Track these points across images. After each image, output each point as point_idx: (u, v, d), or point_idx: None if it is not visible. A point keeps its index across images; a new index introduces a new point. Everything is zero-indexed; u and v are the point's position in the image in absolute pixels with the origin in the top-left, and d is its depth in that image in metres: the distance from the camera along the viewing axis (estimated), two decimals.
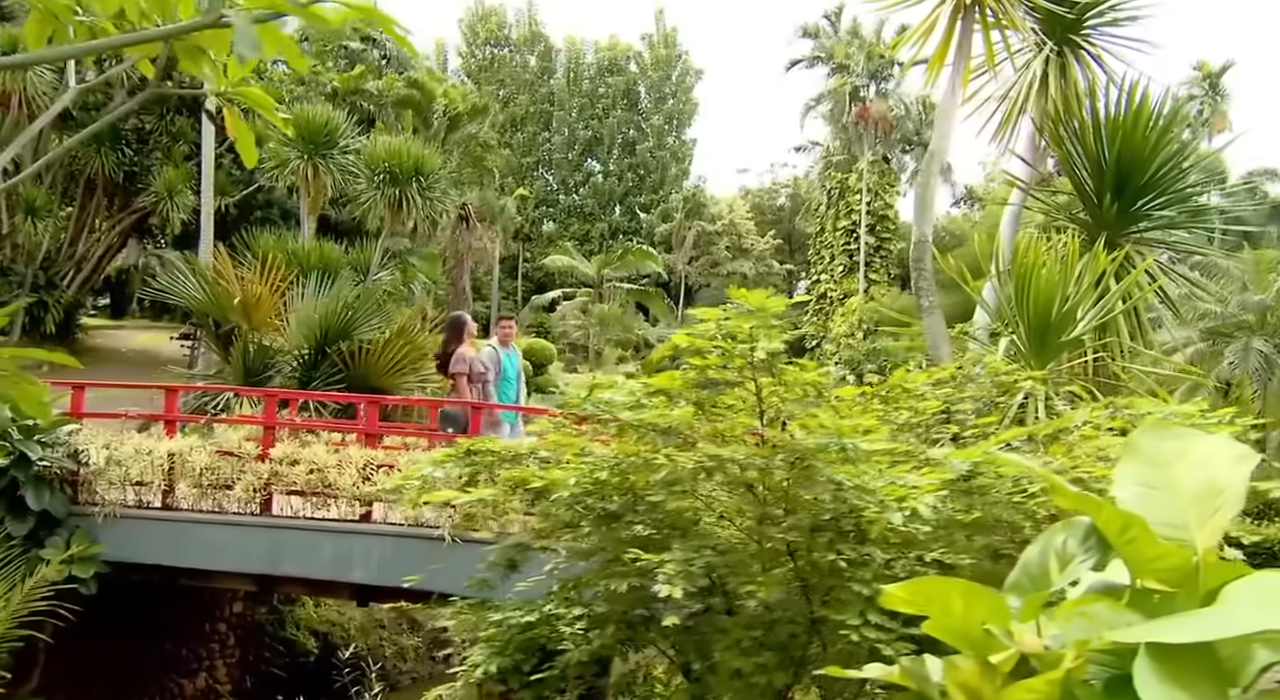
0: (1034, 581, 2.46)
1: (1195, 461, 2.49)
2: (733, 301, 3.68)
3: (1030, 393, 5.42)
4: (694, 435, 4.21)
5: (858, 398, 5.02)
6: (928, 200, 6.64)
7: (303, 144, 19.86)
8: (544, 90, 55.10)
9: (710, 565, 3.86)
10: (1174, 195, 7.57)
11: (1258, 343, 14.17)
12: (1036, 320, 6.08)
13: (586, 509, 4.28)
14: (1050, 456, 4.11)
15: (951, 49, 6.62)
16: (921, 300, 6.39)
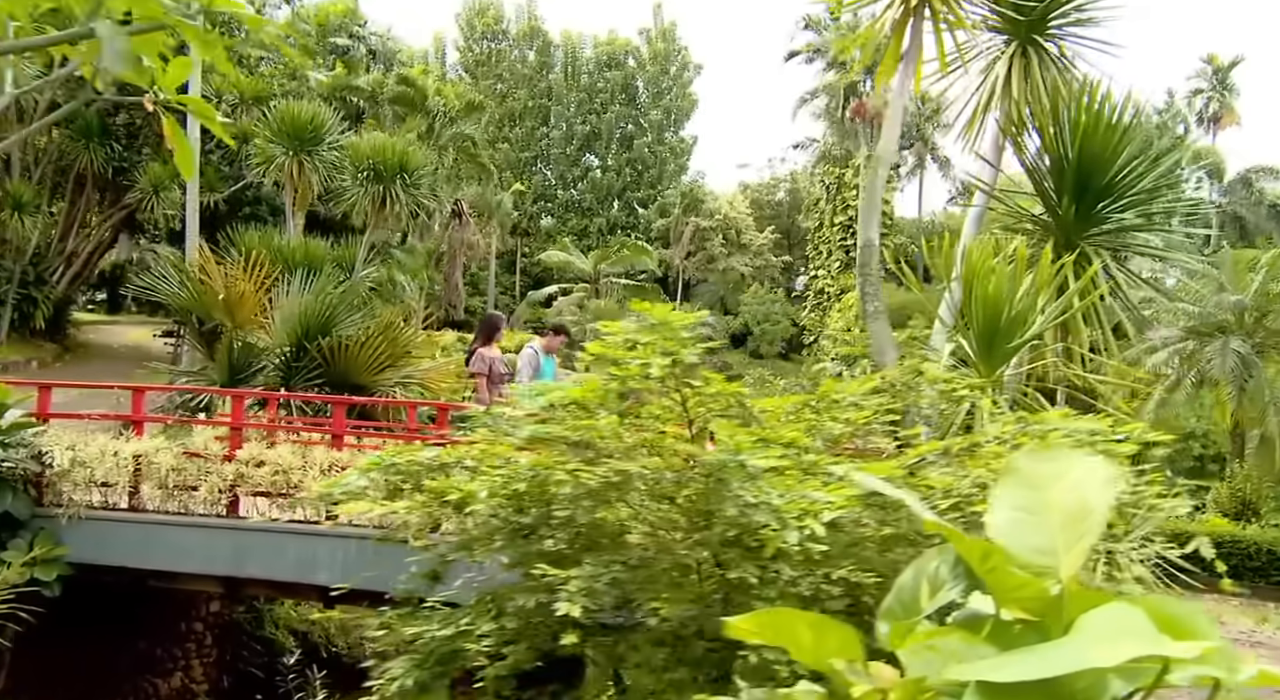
0: (905, 608, 2.42)
1: (1070, 484, 2.44)
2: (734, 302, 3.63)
3: (975, 400, 5.36)
4: (611, 446, 4.16)
5: (789, 409, 4.97)
6: (874, 203, 6.57)
7: (288, 140, 19.80)
8: (542, 85, 54.98)
9: (617, 581, 3.80)
10: (1133, 198, 7.50)
11: (1235, 343, 14.09)
12: (985, 325, 6.02)
13: (502, 521, 4.23)
14: (968, 470, 4.06)
15: (902, 50, 6.53)
16: (867, 305, 6.33)
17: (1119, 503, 4.17)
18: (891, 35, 6.52)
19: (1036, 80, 7.96)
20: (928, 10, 6.48)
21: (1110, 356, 7.87)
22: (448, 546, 4.68)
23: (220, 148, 26.31)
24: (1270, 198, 37.26)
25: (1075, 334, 7.46)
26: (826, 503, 3.46)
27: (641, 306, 3.70)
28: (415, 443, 6.00)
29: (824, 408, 4.84)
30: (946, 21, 6.65)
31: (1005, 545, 2.26)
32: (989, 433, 3.96)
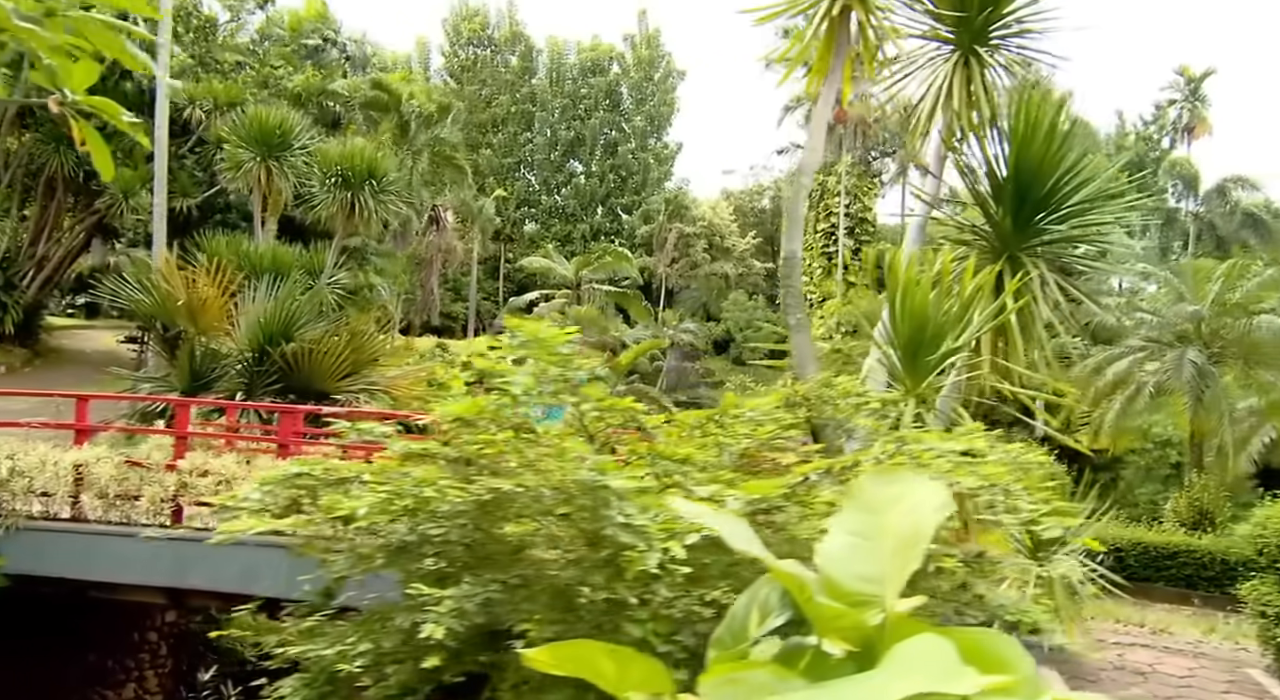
0: (734, 636, 2.35)
1: (906, 509, 2.39)
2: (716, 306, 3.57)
3: (890, 414, 5.31)
4: (494, 463, 4.09)
5: (693, 424, 4.92)
6: (796, 216, 6.51)
7: (256, 146, 19.68)
8: (525, 90, 54.94)
9: (491, 601, 3.73)
10: (1072, 209, 7.47)
11: (1192, 353, 14.10)
12: (909, 337, 5.98)
13: (384, 538, 4.16)
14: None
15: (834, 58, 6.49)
16: (789, 317, 6.27)
17: (1018, 523, 4.12)
18: (820, 45, 6.47)
19: (977, 90, 7.93)
20: (856, 21, 6.43)
21: (1051, 369, 7.84)
22: (344, 562, 4.60)
23: (194, 152, 26.21)
24: (1244, 207, 37.46)
25: (1012, 347, 7.42)
26: (696, 523, 3.39)
27: (516, 324, 3.64)
28: (317, 455, 5.92)
29: (727, 422, 4.79)
30: (875, 32, 6.61)
31: (832, 573, 2.18)
32: (872, 452, 3.91)
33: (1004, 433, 16.25)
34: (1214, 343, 15.09)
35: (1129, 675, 8.41)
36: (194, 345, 16.26)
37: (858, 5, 6.31)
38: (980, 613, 4.27)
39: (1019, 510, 4.18)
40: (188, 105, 23.75)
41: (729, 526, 2.34)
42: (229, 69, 26.04)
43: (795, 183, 6.54)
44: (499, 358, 4.06)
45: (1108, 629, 10.11)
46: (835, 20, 6.29)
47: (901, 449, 3.83)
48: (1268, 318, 14.76)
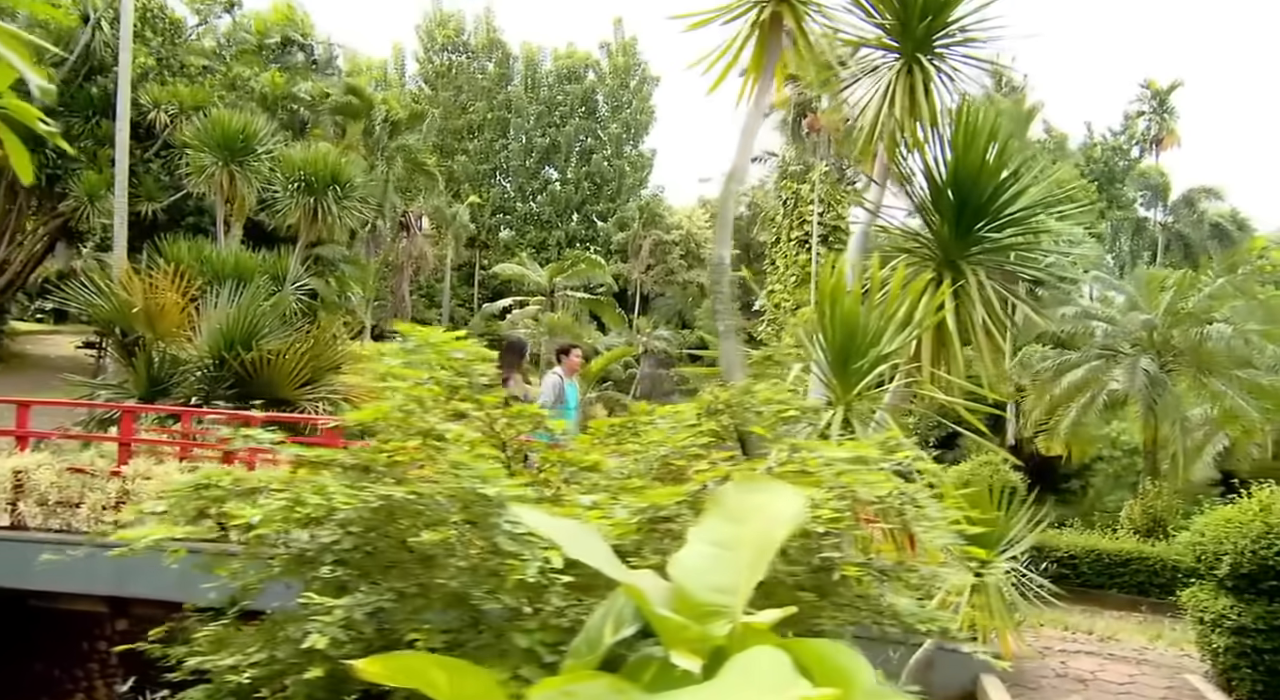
0: (590, 646, 2.31)
1: (767, 518, 2.36)
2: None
3: (814, 421, 5.30)
4: (391, 471, 4.04)
5: (607, 431, 4.89)
6: (726, 221, 6.50)
7: (218, 150, 19.53)
8: (501, 97, 54.88)
9: (382, 610, 3.68)
10: (1011, 217, 7.52)
11: (1144, 362, 14.22)
12: (839, 345, 5.99)
13: (283, 546, 4.10)
14: None
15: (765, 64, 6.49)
16: (718, 323, 6.26)
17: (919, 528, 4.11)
18: (752, 52, 6.48)
19: (920, 99, 7.98)
20: (787, 28, 6.44)
21: (994, 377, 7.88)
22: (252, 571, 4.54)
23: (160, 156, 25.98)
24: (1211, 217, 37.92)
25: (951, 356, 7.46)
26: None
27: (408, 329, 3.60)
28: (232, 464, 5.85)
29: (641, 430, 4.76)
30: (808, 38, 6.62)
31: (684, 584, 2.16)
32: (769, 459, 3.89)
33: (976, 441, 16.20)
34: (1167, 351, 15.24)
35: (1070, 682, 8.44)
36: (152, 351, 16.11)
37: (787, 12, 6.32)
38: (892, 622, 4.26)
39: (929, 518, 4.17)
40: (153, 108, 23.54)
41: (568, 536, 2.31)
42: (195, 72, 25.83)
43: (725, 188, 6.54)
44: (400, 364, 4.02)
45: (1056, 636, 10.14)
46: (765, 26, 6.29)
47: (793, 457, 3.82)
48: (1219, 327, 14.93)
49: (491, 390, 4.47)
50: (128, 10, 17.67)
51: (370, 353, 27.36)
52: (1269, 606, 7.93)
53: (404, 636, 3.66)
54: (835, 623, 3.99)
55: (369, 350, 29.64)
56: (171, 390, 15.96)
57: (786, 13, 6.24)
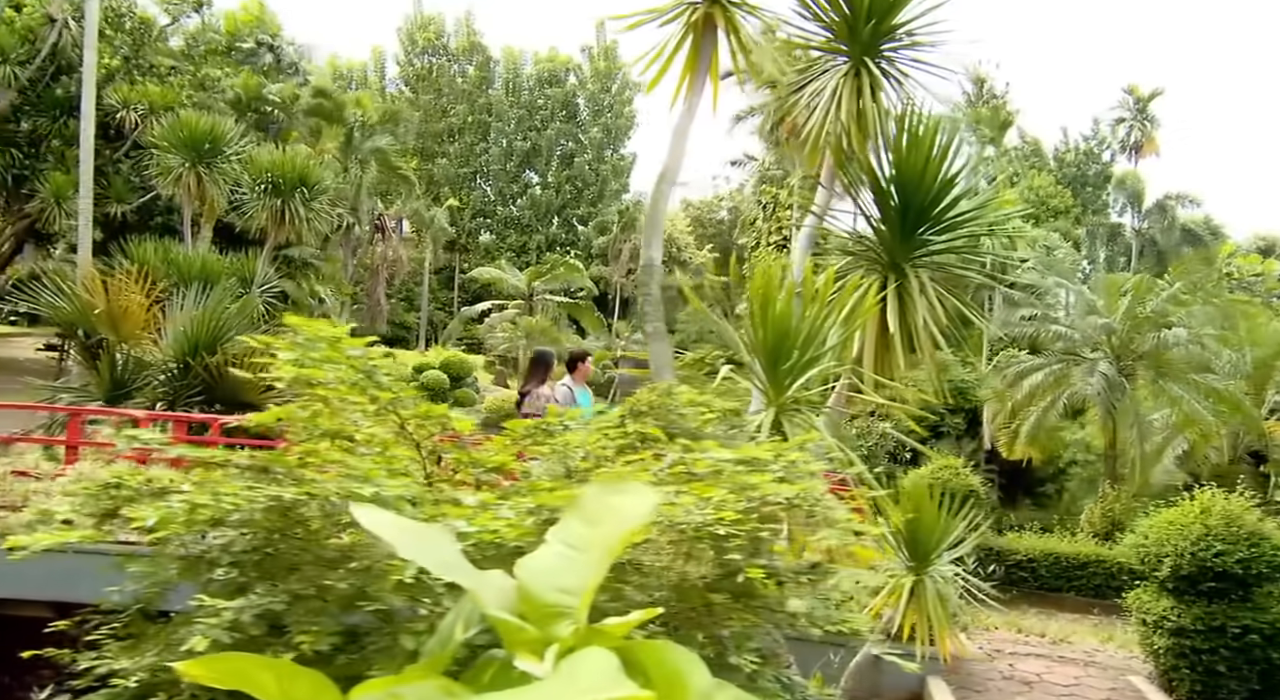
0: (442, 646, 2.30)
1: (620, 520, 2.35)
2: None
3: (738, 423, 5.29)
4: (290, 472, 3.99)
5: (521, 434, 4.86)
6: (657, 222, 6.50)
7: (186, 151, 19.40)
8: (482, 100, 54.83)
9: (270, 612, 3.63)
10: (952, 221, 7.55)
11: (1103, 365, 14.30)
12: (772, 347, 5.99)
13: (181, 547, 4.05)
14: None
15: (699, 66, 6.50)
16: (647, 325, 6.25)
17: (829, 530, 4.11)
18: (686, 53, 6.49)
19: (867, 102, 8.00)
20: (720, 31, 6.45)
21: (939, 380, 7.90)
22: (158, 572, 4.48)
23: (130, 157, 25.79)
24: (1183, 223, 38.27)
25: (893, 359, 7.48)
26: (467, 533, 3.33)
27: (297, 321, 3.57)
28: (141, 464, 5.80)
29: (555, 432, 4.74)
30: (739, 41, 6.63)
31: (530, 585, 2.14)
32: (664, 461, 3.88)
33: (956, 445, 16.25)
34: (1126, 355, 15.33)
35: (1016, 685, 8.47)
36: (115, 354, 15.98)
37: (719, 14, 6.33)
38: (805, 623, 4.25)
39: (835, 521, 4.17)
40: (121, 108, 23.37)
41: (410, 537, 2.29)
42: (165, 72, 25.67)
43: (656, 188, 6.54)
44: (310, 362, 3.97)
45: (1008, 639, 10.17)
46: (698, 28, 6.30)
47: (683, 459, 3.81)
48: (1177, 331, 15.04)
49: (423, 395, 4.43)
50: (92, 9, 17.54)
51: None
52: (1207, 608, 7.99)
53: (293, 639, 3.63)
54: (745, 625, 3.97)
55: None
56: (135, 394, 15.83)
57: (718, 14, 6.24)
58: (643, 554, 4.10)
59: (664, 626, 4.15)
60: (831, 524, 4.38)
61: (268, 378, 4.03)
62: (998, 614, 11.12)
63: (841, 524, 4.34)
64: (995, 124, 49.92)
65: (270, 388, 17.01)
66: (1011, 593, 13.22)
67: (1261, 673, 7.86)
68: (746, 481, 3.95)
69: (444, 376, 33.98)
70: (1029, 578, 13.57)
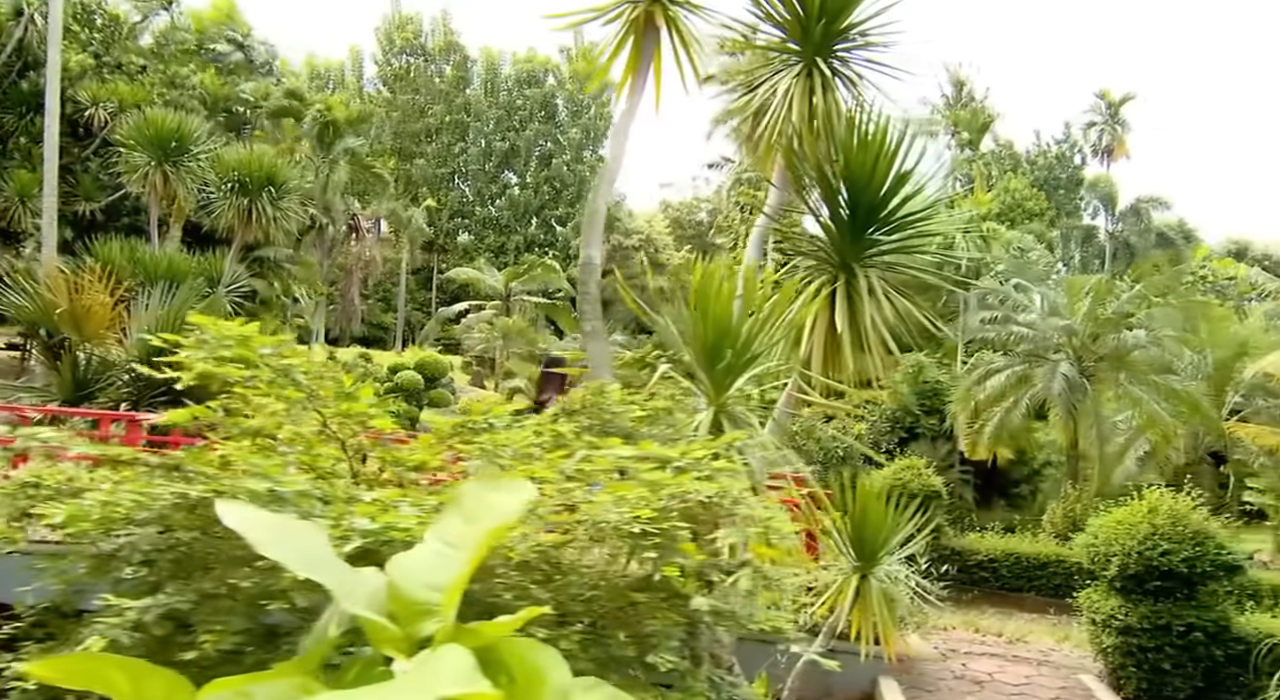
0: (316, 643, 2.26)
1: (498, 516, 2.33)
2: None
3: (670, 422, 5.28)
4: (202, 471, 3.96)
5: (447, 432, 4.84)
6: (595, 221, 6.48)
7: (152, 150, 19.22)
8: (460, 100, 54.66)
9: (176, 612, 3.59)
10: (901, 222, 7.56)
11: (1064, 367, 14.39)
12: (711, 346, 5.98)
13: (91, 546, 4.00)
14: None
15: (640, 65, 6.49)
16: (585, 324, 6.23)
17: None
18: (629, 52, 6.47)
19: (819, 102, 8.01)
20: (664, 30, 6.44)
21: (888, 379, 7.91)
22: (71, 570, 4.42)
23: (99, 155, 25.53)
24: (1156, 226, 38.63)
25: (841, 359, 7.48)
26: (370, 530, 3.31)
27: (203, 320, 3.54)
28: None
29: (480, 430, 4.72)
30: (683, 42, 6.63)
31: (400, 582, 2.12)
32: (572, 458, 3.87)
33: (931, 446, 16.27)
34: (1087, 356, 15.42)
35: (967, 684, 8.50)
36: (77, 354, 15.82)
37: (660, 13, 6.32)
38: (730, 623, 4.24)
39: (755, 519, 4.17)
40: (91, 106, 23.15)
41: (275, 534, 2.27)
42: (135, 70, 25.44)
43: (596, 188, 6.52)
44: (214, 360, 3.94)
45: (965, 638, 10.21)
46: (639, 27, 6.29)
47: (589, 456, 3.80)
48: (1137, 332, 15.15)
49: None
50: (56, 4, 17.35)
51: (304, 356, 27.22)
52: (1154, 606, 8.04)
53: (197, 638, 3.59)
54: (666, 623, 3.96)
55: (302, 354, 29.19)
56: (98, 394, 15.68)
57: (659, 13, 6.23)
58: (564, 553, 4.10)
59: (591, 626, 4.14)
60: (752, 523, 4.39)
61: (171, 376, 3.99)
62: (956, 613, 11.18)
63: (761, 523, 4.35)
64: (975, 126, 50.30)
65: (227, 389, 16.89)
66: (973, 593, 13.29)
67: (1205, 670, 7.92)
68: (662, 480, 3.94)
69: (419, 377, 33.82)
70: (990, 578, 13.63)
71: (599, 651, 3.88)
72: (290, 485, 3.38)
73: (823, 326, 7.28)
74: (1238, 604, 8.38)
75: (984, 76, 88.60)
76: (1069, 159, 46.89)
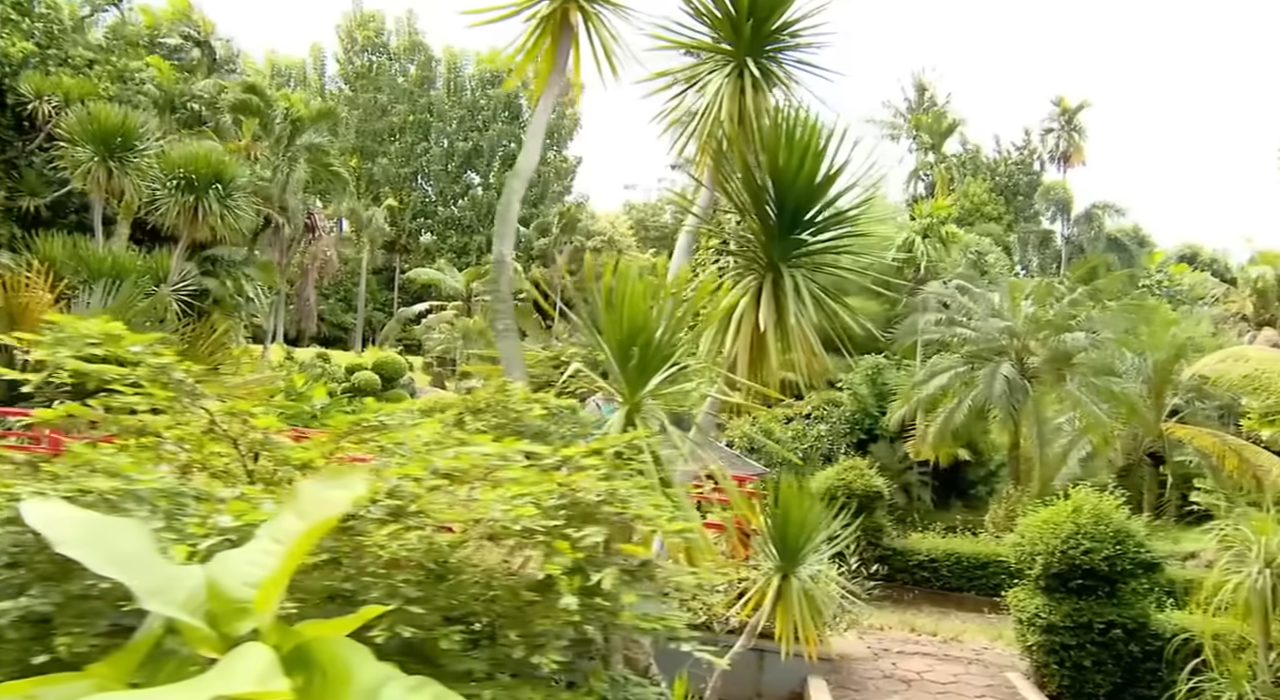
0: (134, 645, 2.20)
1: (323, 512, 2.27)
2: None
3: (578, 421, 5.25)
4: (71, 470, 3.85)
5: (342, 431, 4.77)
6: (508, 219, 6.45)
7: (96, 145, 18.87)
8: (423, 100, 54.31)
9: (33, 613, 3.50)
10: (825, 222, 7.59)
11: (1005, 368, 14.54)
12: (623, 345, 5.95)
13: None
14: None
15: (555, 63, 6.46)
16: (496, 322, 6.19)
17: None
18: (545, 50, 6.44)
19: (749, 102, 8.02)
20: (583, 29, 6.42)
21: (814, 380, 7.94)
22: None
23: (44, 150, 25.02)
24: (1109, 231, 39.25)
25: (764, 360, 7.49)
26: (227, 528, 3.25)
27: (55, 317, 3.44)
28: None
29: (378, 430, 4.66)
30: (601, 40, 6.60)
31: (219, 581, 2.05)
32: (440, 455, 3.84)
33: (890, 448, 16.34)
34: (1027, 358, 15.60)
35: (895, 683, 8.54)
36: (11, 353, 15.50)
37: (575, 9, 6.29)
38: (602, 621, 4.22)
39: (644, 516, 4.15)
40: (34, 99, 22.68)
41: (70, 528, 2.22)
42: (81, 64, 24.96)
43: (508, 185, 6.47)
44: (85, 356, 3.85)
45: (900, 638, 10.27)
46: (555, 25, 6.25)
47: (459, 453, 3.77)
48: (1076, 335, 15.33)
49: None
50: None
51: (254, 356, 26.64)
52: (1076, 604, 8.13)
53: (53, 642, 3.51)
54: (554, 623, 3.92)
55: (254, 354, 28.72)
56: (34, 393, 15.35)
57: (574, 10, 6.20)
58: (461, 553, 4.06)
59: (490, 625, 4.09)
60: (643, 522, 4.36)
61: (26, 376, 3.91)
62: (894, 613, 11.25)
63: (649, 521, 4.32)
64: (937, 131, 50.81)
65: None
66: (914, 593, 13.39)
67: (1125, 667, 8.01)
68: (540, 479, 3.91)
69: (376, 378, 33.56)
70: (931, 578, 13.74)
71: (496, 651, 3.84)
72: (146, 483, 3.30)
73: (748, 326, 7.29)
74: (1158, 602, 8.50)
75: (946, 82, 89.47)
76: (1030, 165, 47.56)
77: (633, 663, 5.56)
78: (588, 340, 6.16)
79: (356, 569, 3.60)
